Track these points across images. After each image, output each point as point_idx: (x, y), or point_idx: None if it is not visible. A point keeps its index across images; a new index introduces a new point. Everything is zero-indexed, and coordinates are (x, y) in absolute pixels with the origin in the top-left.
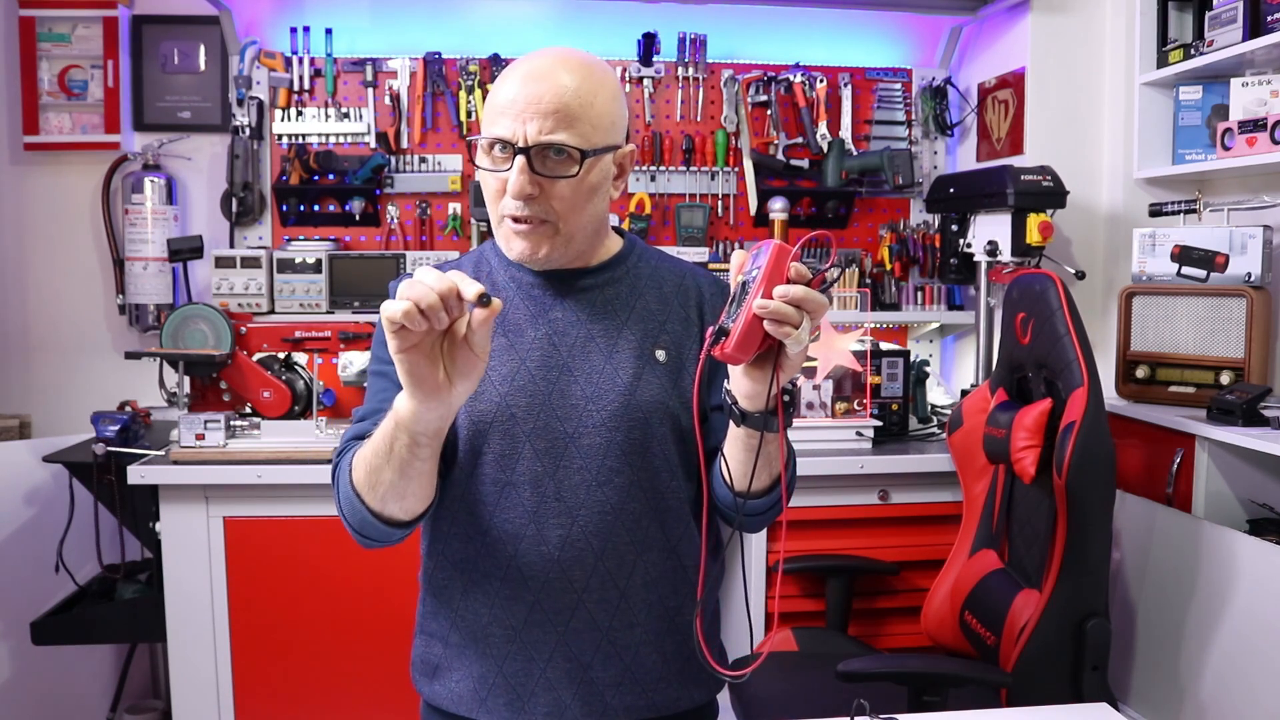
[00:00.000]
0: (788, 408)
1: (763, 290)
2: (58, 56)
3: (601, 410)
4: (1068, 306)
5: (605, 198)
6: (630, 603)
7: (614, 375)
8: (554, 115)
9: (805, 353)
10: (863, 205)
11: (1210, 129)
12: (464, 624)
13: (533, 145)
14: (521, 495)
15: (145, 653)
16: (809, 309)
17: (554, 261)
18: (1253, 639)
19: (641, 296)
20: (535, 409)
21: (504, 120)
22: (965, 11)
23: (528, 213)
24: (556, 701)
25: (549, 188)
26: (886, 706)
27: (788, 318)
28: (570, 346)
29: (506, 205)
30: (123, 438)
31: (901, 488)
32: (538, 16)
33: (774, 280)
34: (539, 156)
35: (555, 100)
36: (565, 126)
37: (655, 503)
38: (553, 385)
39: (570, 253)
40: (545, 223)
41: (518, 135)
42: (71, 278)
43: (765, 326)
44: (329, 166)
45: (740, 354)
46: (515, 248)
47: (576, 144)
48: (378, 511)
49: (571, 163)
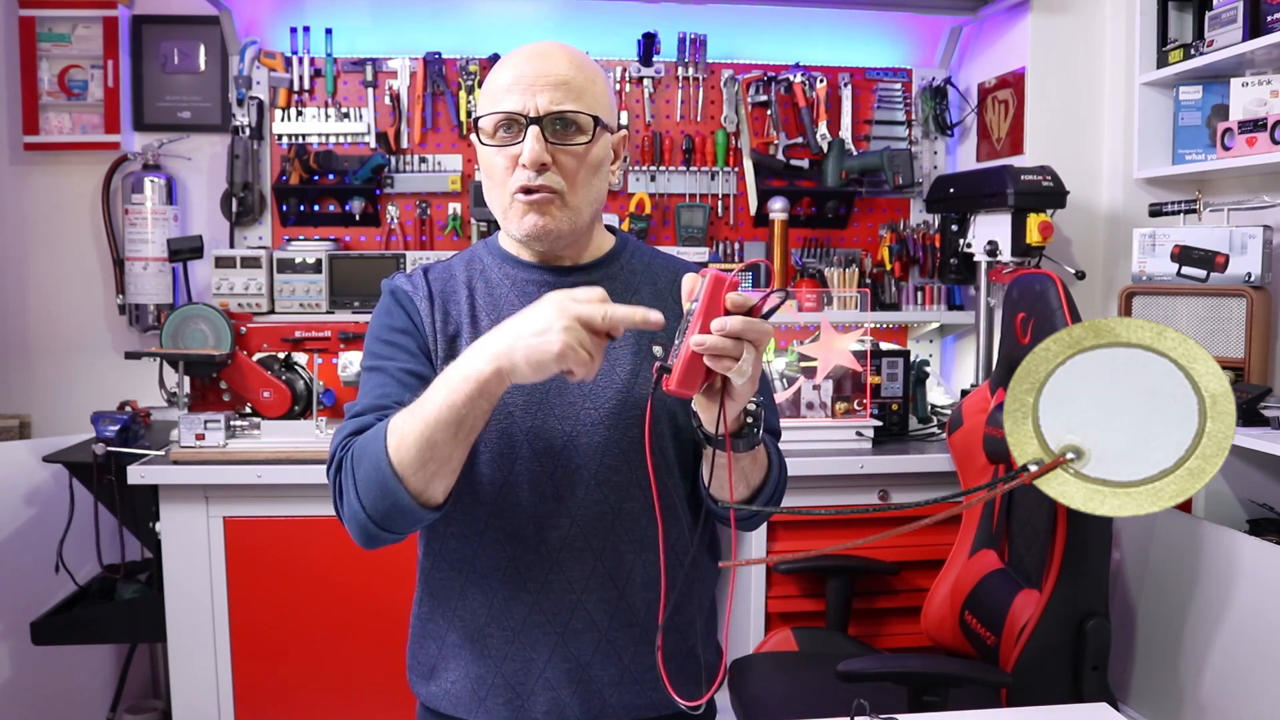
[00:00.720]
0: (752, 428)
1: (699, 325)
2: (58, 56)
3: (599, 408)
4: (1068, 306)
5: (605, 178)
6: (629, 602)
7: (611, 373)
8: (563, 87)
9: (754, 382)
10: (863, 205)
11: (1210, 129)
12: (462, 624)
13: (545, 115)
14: (520, 495)
15: (145, 653)
16: (750, 339)
17: (561, 237)
18: (1253, 639)
19: (636, 293)
20: (533, 408)
21: (511, 96)
22: (965, 11)
23: (540, 182)
24: (555, 701)
25: (559, 157)
26: (886, 706)
27: (726, 351)
28: None
29: (518, 178)
30: (123, 438)
31: (901, 488)
32: (538, 16)
33: (711, 314)
34: (549, 126)
35: (563, 73)
36: (574, 98)
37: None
38: (550, 384)
39: (576, 227)
40: (555, 194)
41: (528, 107)
42: (71, 278)
43: (705, 361)
44: (329, 166)
45: (684, 390)
46: (527, 222)
47: (589, 111)
48: (418, 492)
49: (581, 132)
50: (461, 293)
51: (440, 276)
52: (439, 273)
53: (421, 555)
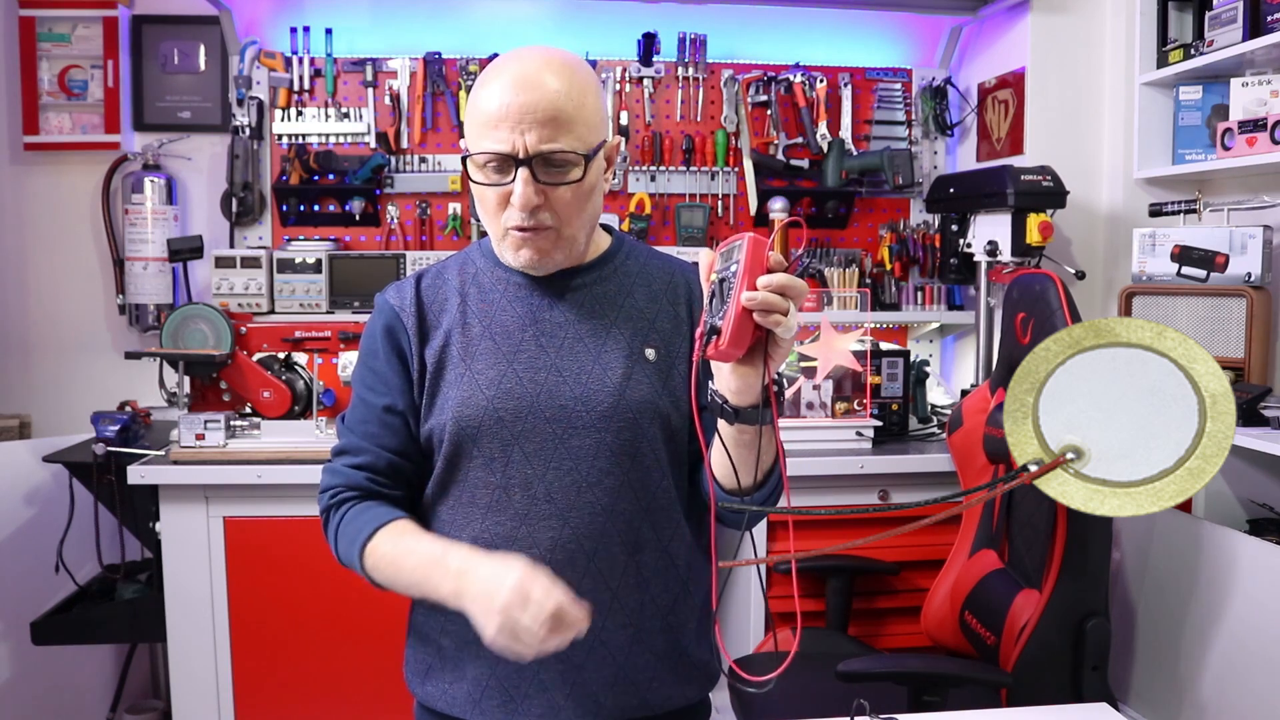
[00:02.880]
0: (779, 398)
1: (746, 283)
2: (58, 56)
3: (591, 411)
4: (1068, 306)
5: (600, 194)
6: (622, 603)
7: (603, 375)
8: (551, 123)
9: (794, 340)
10: (863, 205)
11: (1210, 129)
12: (456, 627)
13: (534, 155)
14: (512, 498)
15: (145, 653)
16: (792, 295)
17: (558, 264)
18: (1253, 639)
19: (630, 294)
20: (524, 411)
21: (498, 133)
22: (965, 11)
23: (534, 221)
24: (550, 703)
25: (551, 194)
26: (886, 706)
27: (775, 306)
28: (559, 347)
29: (510, 218)
30: (123, 438)
31: (901, 488)
32: (538, 16)
33: (755, 272)
34: (540, 165)
35: (550, 107)
36: (564, 132)
37: (646, 503)
38: (541, 387)
39: (573, 254)
40: (550, 228)
41: (517, 147)
42: (71, 278)
43: (755, 318)
44: (329, 166)
45: (734, 349)
46: (522, 257)
47: (577, 149)
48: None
49: (572, 167)
50: (454, 299)
51: (432, 284)
52: (431, 279)
53: None
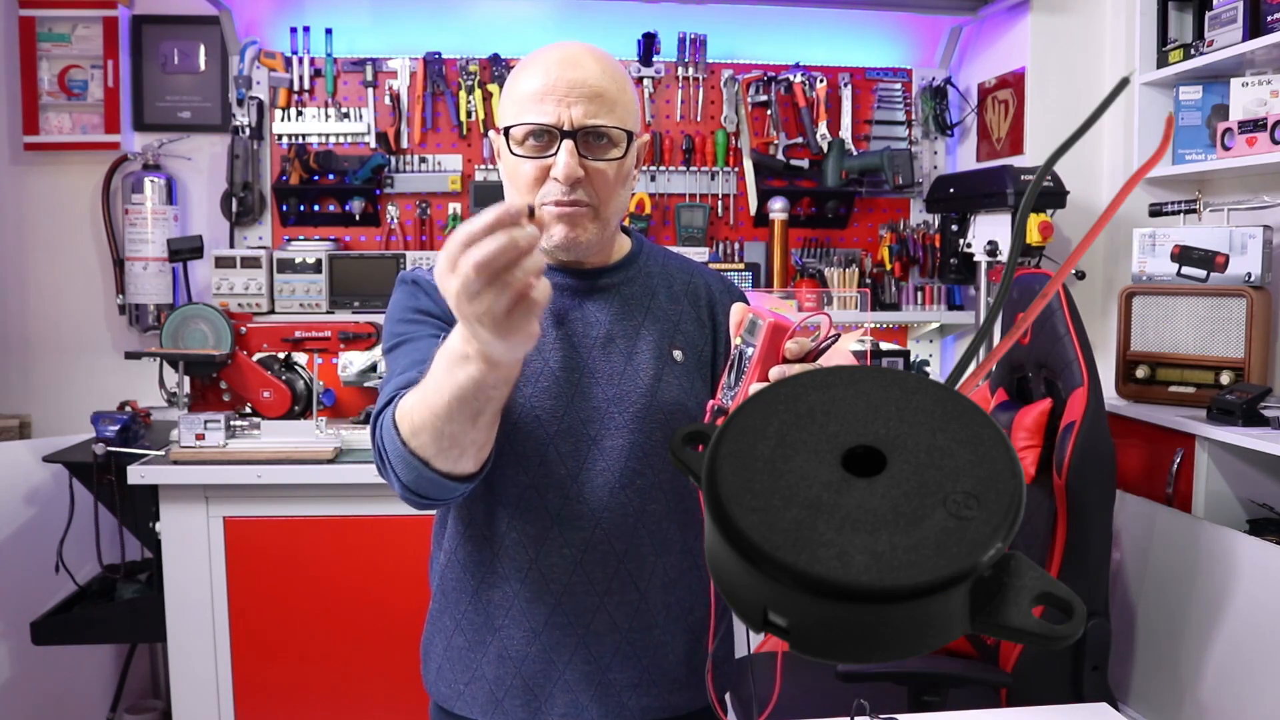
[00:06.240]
0: None
1: (759, 372)
2: (58, 56)
3: (624, 412)
4: (1068, 306)
5: (631, 186)
6: (649, 604)
7: (635, 376)
8: (597, 99)
9: None
10: (863, 205)
11: (1210, 129)
12: (482, 625)
13: (579, 128)
14: (546, 498)
15: (145, 653)
16: None
17: (590, 247)
18: (1253, 639)
19: (655, 296)
20: (559, 411)
21: (543, 106)
22: (965, 11)
23: (573, 196)
24: (574, 703)
25: (592, 170)
26: (886, 706)
27: None
28: (590, 347)
29: (549, 192)
30: (123, 438)
31: None
32: (538, 16)
33: (769, 362)
34: (583, 140)
35: (597, 84)
36: (608, 110)
37: (675, 504)
38: (575, 387)
39: (603, 238)
40: (587, 206)
41: (562, 119)
42: (71, 278)
43: None
44: (329, 166)
45: None
46: (557, 234)
47: (622, 125)
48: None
49: (613, 145)
50: None
51: None
52: None
53: (441, 555)
